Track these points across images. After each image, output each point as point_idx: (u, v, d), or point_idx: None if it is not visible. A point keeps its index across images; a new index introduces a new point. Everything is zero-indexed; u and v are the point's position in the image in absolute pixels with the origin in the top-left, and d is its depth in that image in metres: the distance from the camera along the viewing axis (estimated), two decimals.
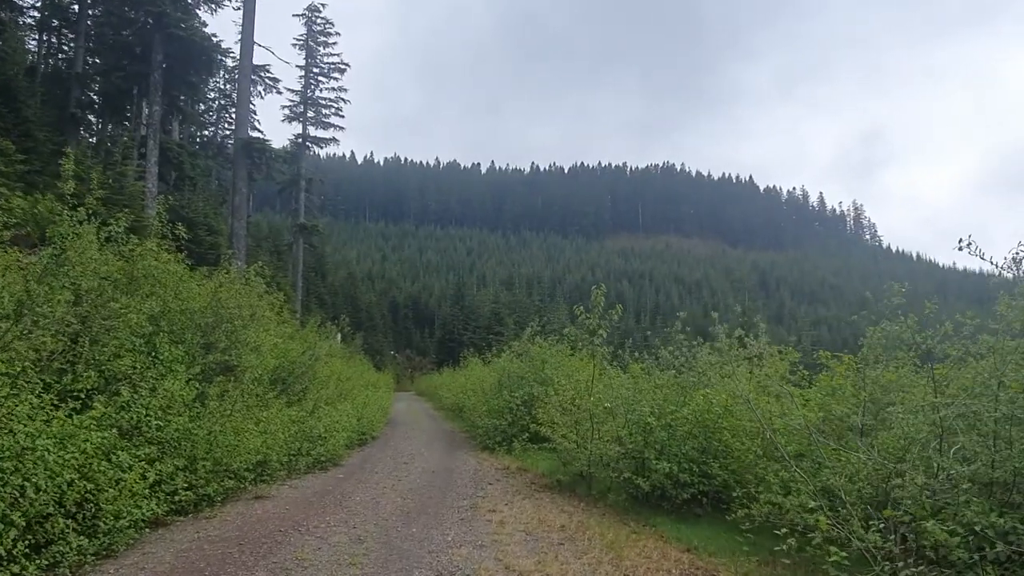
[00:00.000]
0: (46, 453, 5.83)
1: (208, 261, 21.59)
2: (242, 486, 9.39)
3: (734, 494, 7.35)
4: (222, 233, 26.79)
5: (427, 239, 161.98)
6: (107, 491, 6.42)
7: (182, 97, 33.27)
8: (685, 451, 8.57)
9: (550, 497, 9.97)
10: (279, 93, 42.63)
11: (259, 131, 44.05)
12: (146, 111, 25.16)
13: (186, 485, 7.95)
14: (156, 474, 7.41)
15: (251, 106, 45.92)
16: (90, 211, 8.77)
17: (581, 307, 10.74)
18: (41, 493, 5.60)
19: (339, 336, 42.24)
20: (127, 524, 6.41)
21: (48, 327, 7.36)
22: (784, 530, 5.44)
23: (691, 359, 10.53)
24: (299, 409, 13.52)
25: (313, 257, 59.99)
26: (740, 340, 9.59)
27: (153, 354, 8.87)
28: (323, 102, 47.88)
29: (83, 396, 7.25)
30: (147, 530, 6.85)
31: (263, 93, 43.50)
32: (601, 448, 9.72)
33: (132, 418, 7.51)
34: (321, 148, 50.43)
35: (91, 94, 29.95)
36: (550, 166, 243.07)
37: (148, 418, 7.79)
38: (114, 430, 7.10)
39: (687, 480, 8.38)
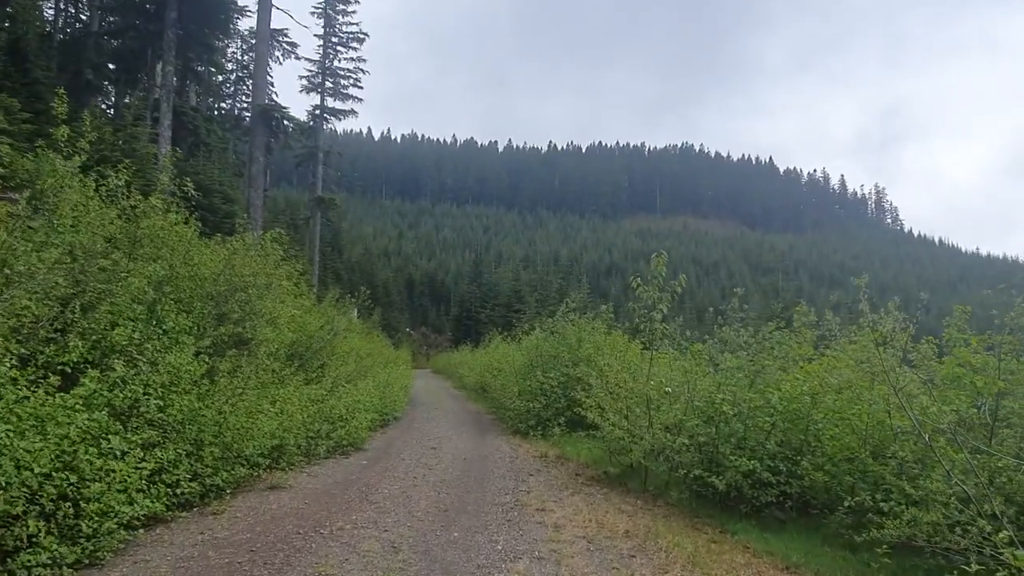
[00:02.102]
0: (16, 439, 4.76)
1: (223, 230, 20.51)
2: (256, 474, 8.30)
3: (846, 503, 6.13)
4: (238, 202, 25.74)
5: (444, 217, 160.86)
6: (93, 484, 5.34)
7: (199, 65, 32.19)
8: (768, 446, 7.38)
9: (601, 492, 8.82)
10: (297, 59, 41.27)
11: (275, 101, 42.66)
12: (160, 73, 24.04)
13: (190, 475, 6.88)
14: (156, 462, 6.34)
15: (269, 77, 44.74)
16: (83, 158, 7.68)
17: (638, 277, 9.49)
18: (6, 490, 4.52)
19: (356, 311, 41.35)
20: (115, 524, 5.32)
21: (31, 288, 6.26)
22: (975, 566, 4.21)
23: (762, 340, 9.31)
24: (318, 387, 12.47)
25: (330, 232, 58.96)
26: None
27: (155, 323, 7.76)
28: (341, 72, 46.40)
29: (70, 370, 6.18)
30: (141, 530, 5.74)
31: (281, 59, 42.07)
32: (661, 439, 8.55)
33: (128, 397, 6.40)
34: (340, 120, 49.07)
35: (107, 61, 28.89)
36: (567, 145, 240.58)
37: (147, 397, 6.71)
38: (104, 411, 5.99)
39: (769, 480, 7.19)
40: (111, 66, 29.55)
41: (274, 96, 46.20)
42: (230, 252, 11.75)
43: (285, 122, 31.69)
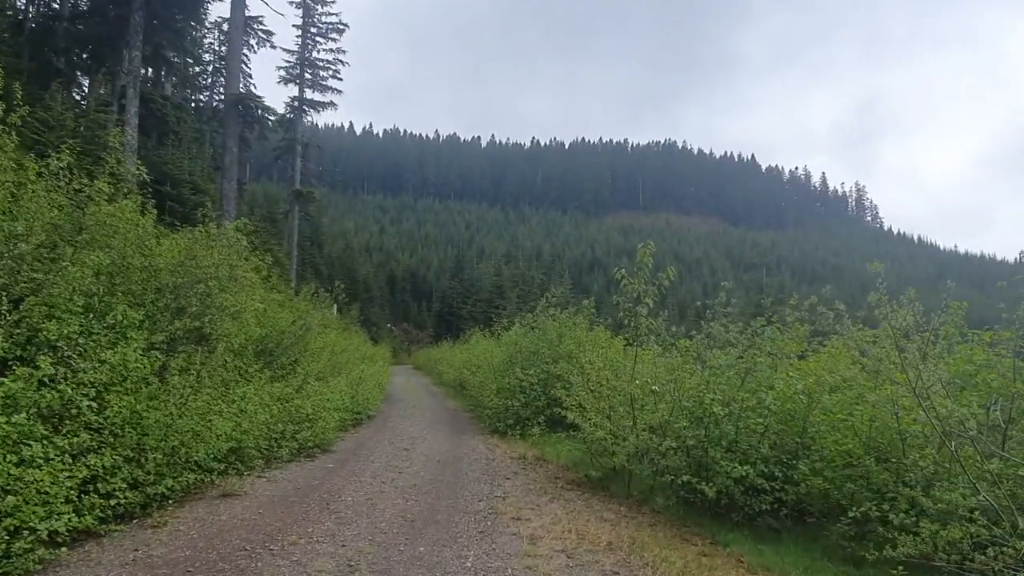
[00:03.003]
0: None
1: (192, 221, 19.70)
2: (208, 479, 7.62)
3: (850, 515, 5.58)
4: (208, 193, 24.91)
5: (426, 212, 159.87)
6: (7, 497, 4.71)
7: (172, 54, 31.26)
8: (761, 450, 6.83)
9: (582, 498, 8.26)
10: (273, 48, 40.28)
11: (251, 91, 41.56)
12: (127, 58, 23.10)
13: (130, 483, 6.23)
14: (89, 470, 5.71)
15: (246, 67, 43.74)
16: (15, 138, 7.00)
17: (623, 269, 8.92)
18: None
19: (336, 307, 40.58)
20: (30, 543, 4.69)
21: None
22: None
23: (751, 335, 8.80)
24: (283, 385, 11.83)
25: (309, 227, 58.14)
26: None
27: (93, 317, 7.09)
28: (321, 64, 45.69)
29: None
30: (66, 548, 5.10)
31: (256, 47, 40.96)
32: (645, 440, 8.01)
33: (57, 397, 5.74)
34: (318, 112, 48.40)
35: (76, 48, 27.87)
36: (550, 141, 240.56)
37: (81, 398, 6.05)
38: (27, 413, 5.34)
39: (763, 486, 6.65)
40: (83, 54, 28.57)
41: (252, 87, 45.26)
42: (191, 241, 11.12)
43: (260, 112, 30.86)
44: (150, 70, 33.24)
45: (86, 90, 31.52)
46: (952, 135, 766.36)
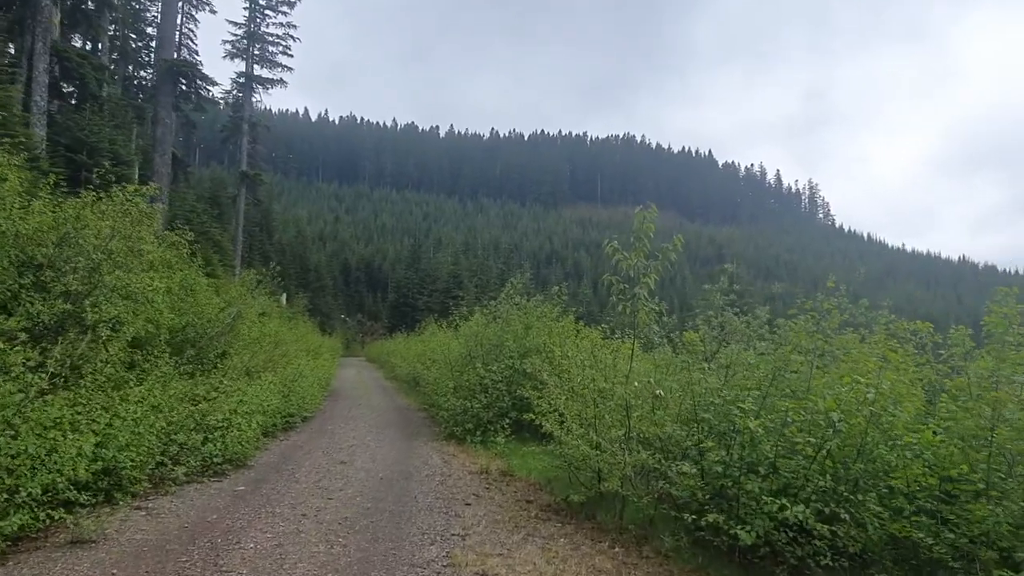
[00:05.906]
0: None
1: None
2: (59, 517, 5.51)
3: None
4: (132, 165, 22.40)
5: (382, 202, 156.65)
6: None
7: (113, 26, 28.56)
8: (820, 482, 5.00)
9: (563, 533, 6.37)
10: (213, 12, 37.32)
11: (189, 59, 38.53)
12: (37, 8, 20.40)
13: None
14: None
15: (192, 43, 40.78)
16: None
17: (615, 241, 7.06)
18: None
19: (285, 296, 38.20)
20: None
21: None
22: None
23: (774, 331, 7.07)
24: (195, 383, 9.78)
25: (259, 212, 55.36)
26: None
27: None
28: (270, 39, 43.06)
29: None
30: None
31: (193, 11, 37.91)
32: (645, 461, 6.20)
33: None
34: (267, 90, 45.63)
35: None
36: (510, 132, 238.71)
37: None
38: None
39: (822, 531, 4.81)
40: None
41: (199, 64, 42.34)
42: (79, 207, 9.06)
43: (197, 81, 28.30)
44: (89, 44, 30.23)
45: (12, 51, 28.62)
46: (899, 133, 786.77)
